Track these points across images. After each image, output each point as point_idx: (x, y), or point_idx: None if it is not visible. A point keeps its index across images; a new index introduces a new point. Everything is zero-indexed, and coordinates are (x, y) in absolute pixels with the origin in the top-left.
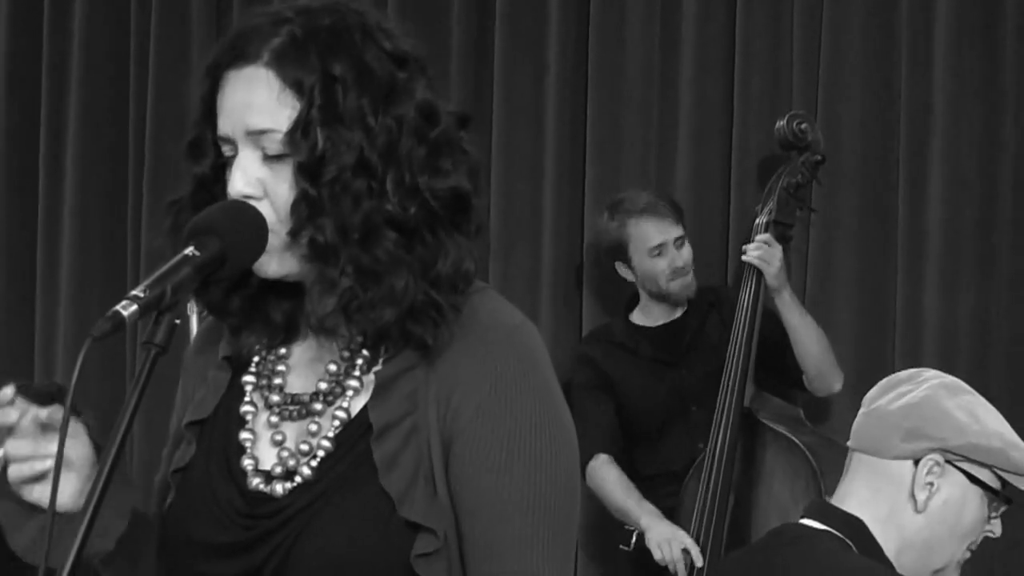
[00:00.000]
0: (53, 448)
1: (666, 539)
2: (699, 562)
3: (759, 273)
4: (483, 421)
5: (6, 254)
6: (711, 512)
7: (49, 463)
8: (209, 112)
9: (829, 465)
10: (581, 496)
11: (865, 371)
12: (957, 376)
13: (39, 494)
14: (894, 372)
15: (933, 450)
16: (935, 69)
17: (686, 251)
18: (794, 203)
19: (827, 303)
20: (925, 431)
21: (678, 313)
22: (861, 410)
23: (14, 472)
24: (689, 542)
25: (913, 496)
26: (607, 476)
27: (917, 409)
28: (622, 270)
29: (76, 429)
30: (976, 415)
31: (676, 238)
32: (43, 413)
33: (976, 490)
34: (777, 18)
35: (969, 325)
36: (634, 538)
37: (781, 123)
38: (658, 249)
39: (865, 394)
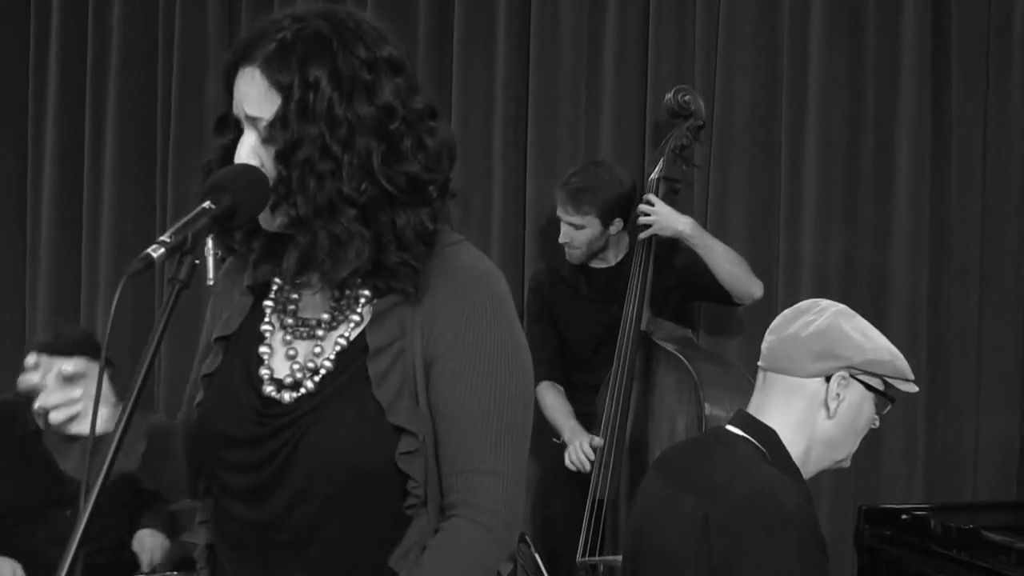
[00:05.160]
0: (77, 394)
1: (575, 448)
2: (587, 467)
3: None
4: (459, 347)
5: (57, 211)
6: (615, 416)
7: (77, 406)
8: (230, 97)
9: (707, 377)
10: None
11: (754, 302)
12: None
13: (76, 429)
14: (778, 303)
15: (840, 368)
16: (811, 56)
17: (580, 235)
18: (680, 162)
19: None
20: (833, 352)
21: (617, 259)
22: (771, 336)
23: (52, 417)
24: (590, 452)
25: (826, 405)
26: (545, 398)
27: (825, 335)
28: None
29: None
30: (868, 335)
31: (571, 223)
32: (67, 367)
33: (869, 395)
34: (682, 19)
35: (838, 265)
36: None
37: (669, 96)
38: (560, 218)
39: (756, 320)
